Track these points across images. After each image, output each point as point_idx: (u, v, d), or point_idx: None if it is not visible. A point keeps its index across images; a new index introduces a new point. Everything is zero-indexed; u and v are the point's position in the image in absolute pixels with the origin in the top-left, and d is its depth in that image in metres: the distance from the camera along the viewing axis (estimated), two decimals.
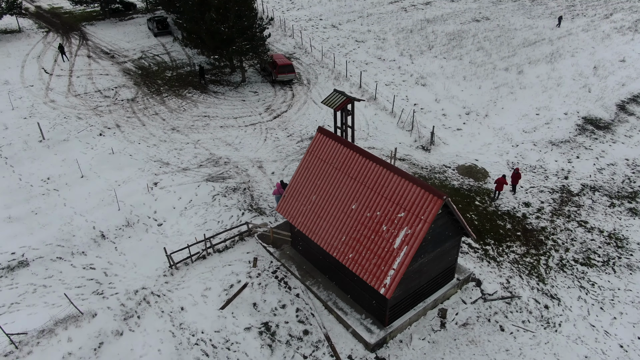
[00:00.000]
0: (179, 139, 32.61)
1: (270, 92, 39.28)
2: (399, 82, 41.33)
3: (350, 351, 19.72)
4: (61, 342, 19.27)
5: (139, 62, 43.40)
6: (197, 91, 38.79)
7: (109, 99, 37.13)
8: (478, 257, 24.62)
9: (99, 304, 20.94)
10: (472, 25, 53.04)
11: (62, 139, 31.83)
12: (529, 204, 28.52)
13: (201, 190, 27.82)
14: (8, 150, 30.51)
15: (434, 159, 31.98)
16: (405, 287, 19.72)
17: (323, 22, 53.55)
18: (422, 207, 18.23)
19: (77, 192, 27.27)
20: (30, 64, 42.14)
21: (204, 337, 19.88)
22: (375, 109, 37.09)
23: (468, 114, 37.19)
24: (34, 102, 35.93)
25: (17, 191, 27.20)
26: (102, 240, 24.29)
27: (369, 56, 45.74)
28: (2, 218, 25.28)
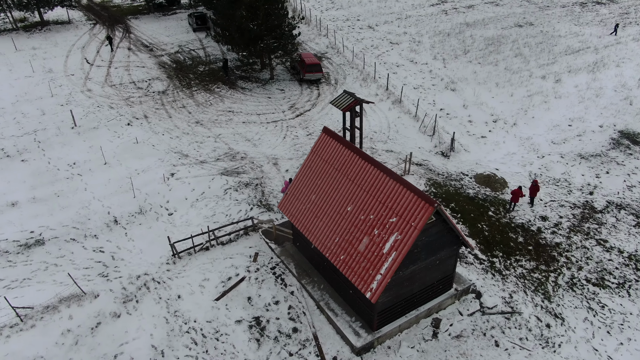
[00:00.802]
0: (201, 132, 33.50)
1: (297, 90, 39.63)
2: (428, 86, 40.69)
3: (336, 352, 19.73)
4: (62, 318, 20.32)
5: (175, 55, 44.81)
6: (225, 86, 39.67)
7: (141, 90, 38.58)
8: (483, 269, 23.99)
9: (102, 286, 21.91)
10: (513, 30, 51.43)
11: (92, 127, 33.38)
12: (546, 217, 27.48)
13: (215, 183, 28.49)
14: (42, 135, 32.31)
15: (452, 166, 31.34)
16: (395, 293, 19.53)
17: (360, 22, 53.41)
18: (413, 213, 18.01)
19: (99, 178, 28.56)
20: (75, 54, 44.35)
21: (196, 326, 20.44)
22: (399, 112, 36.71)
23: (495, 121, 36.16)
24: (72, 91, 37.84)
25: (45, 174, 28.78)
26: (114, 225, 25.36)
27: (401, 58, 45.26)
28: (28, 198, 26.84)
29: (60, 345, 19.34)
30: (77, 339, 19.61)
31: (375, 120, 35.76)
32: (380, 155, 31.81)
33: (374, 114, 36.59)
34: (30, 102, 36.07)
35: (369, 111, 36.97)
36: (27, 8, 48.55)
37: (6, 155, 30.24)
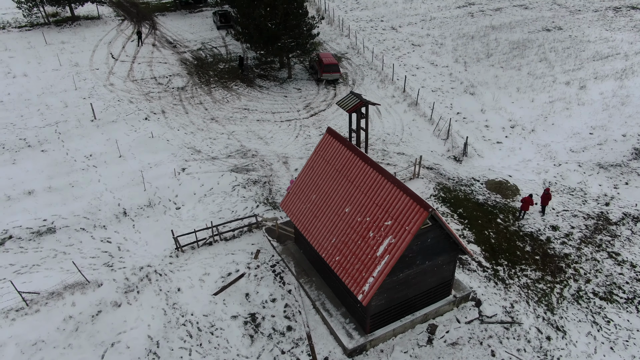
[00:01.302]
0: (215, 128, 33.99)
1: (314, 90, 39.74)
2: (446, 89, 40.19)
3: (328, 353, 19.77)
4: (66, 305, 20.99)
5: (197, 52, 45.56)
6: (243, 84, 40.12)
7: (161, 85, 39.39)
8: (486, 277, 23.60)
9: (106, 275, 22.53)
10: (540, 34, 50.23)
11: (111, 120, 34.29)
12: (556, 227, 26.81)
13: (224, 179, 28.88)
14: (63, 126, 33.38)
15: (463, 171, 30.90)
16: (389, 297, 19.43)
17: (383, 23, 53.12)
18: (408, 217, 17.88)
19: (112, 170, 29.33)
20: (101, 48, 45.59)
21: (192, 319, 20.80)
22: (415, 115, 36.39)
23: (513, 127, 35.45)
24: (95, 84, 38.94)
25: (62, 164, 29.74)
26: (123, 217, 26.01)
27: (422, 61, 44.83)
28: (44, 187, 27.79)
29: (62, 330, 19.99)
30: (77, 325, 20.23)
31: (389, 122, 35.56)
32: (392, 158, 31.63)
33: (389, 116, 36.39)
34: (54, 94, 37.30)
35: (384, 113, 36.79)
36: (59, 3, 50.17)
37: (27, 145, 31.37)
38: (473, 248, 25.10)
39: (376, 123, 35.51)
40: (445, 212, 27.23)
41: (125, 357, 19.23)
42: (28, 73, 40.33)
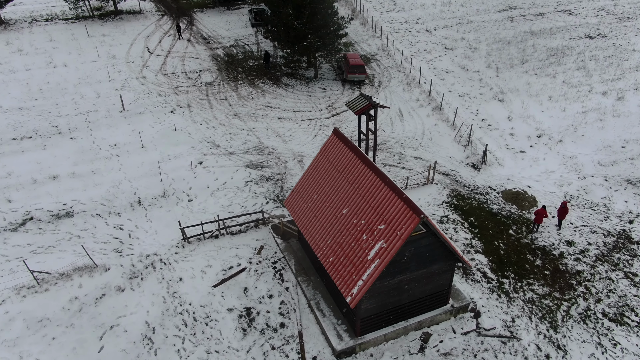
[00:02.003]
0: (236, 124, 34.62)
1: (338, 90, 39.78)
2: (474, 95, 39.33)
3: (317, 353, 19.86)
4: (73, 286, 22.00)
5: (229, 49, 46.46)
6: (269, 82, 40.63)
7: (190, 80, 40.44)
8: (489, 289, 23.03)
9: (114, 261, 23.44)
10: (582, 41, 48.31)
11: (139, 112, 35.52)
12: (572, 243, 25.82)
13: (238, 174, 29.41)
14: (93, 116, 34.85)
15: (480, 179, 30.20)
16: (381, 301, 19.31)
17: (418, 26, 52.46)
18: (400, 222, 17.73)
19: (133, 160, 30.41)
20: (139, 42, 47.23)
21: (189, 309, 21.35)
22: (437, 120, 35.82)
23: (540, 136, 34.32)
24: (129, 77, 40.41)
25: (87, 152, 31.08)
26: (137, 206, 26.95)
27: (452, 64, 44.03)
28: (68, 173, 29.15)
29: (66, 310, 20.97)
30: (81, 306, 21.17)
31: (410, 126, 35.17)
32: (408, 162, 31.30)
33: (411, 119, 35.99)
34: (89, 84, 38.97)
35: (406, 116, 36.41)
36: None
37: (58, 132, 32.95)
38: (480, 258, 24.55)
39: (397, 126, 35.20)
40: (456, 220, 26.73)
41: (122, 340, 19.98)
42: (68, 63, 42.29)
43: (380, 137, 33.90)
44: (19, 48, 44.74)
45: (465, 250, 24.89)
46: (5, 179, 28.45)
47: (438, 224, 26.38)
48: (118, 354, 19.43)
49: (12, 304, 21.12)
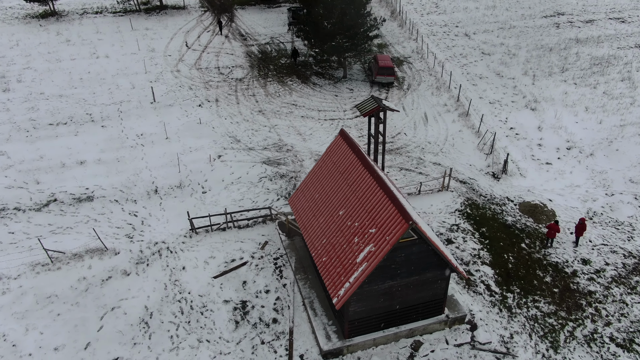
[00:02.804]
0: (260, 120, 35.18)
1: (365, 92, 39.62)
2: (506, 102, 38.18)
3: (304, 351, 20.00)
4: (83, 267, 23.13)
5: (264, 46, 47.18)
6: (298, 80, 40.98)
7: (222, 75, 41.40)
8: (491, 302, 22.41)
9: (125, 245, 24.45)
10: (631, 51, 45.87)
11: (168, 104, 36.74)
12: (588, 261, 24.70)
13: (254, 170, 29.92)
14: (125, 106, 36.34)
15: (498, 189, 29.34)
16: (371, 305, 19.21)
17: (457, 29, 51.38)
18: (390, 227, 17.59)
19: (157, 151, 31.51)
20: (178, 37, 48.75)
21: (188, 297, 21.99)
22: (463, 126, 35.05)
23: (569, 149, 32.95)
24: (164, 70, 41.83)
25: (115, 140, 32.48)
26: (153, 194, 27.95)
27: (487, 70, 42.91)
28: (94, 159, 30.58)
29: (74, 289, 22.09)
30: (88, 286, 22.23)
31: (434, 131, 34.60)
32: (426, 167, 30.84)
33: (435, 124, 35.39)
34: (126, 76, 40.62)
35: (431, 120, 35.83)
36: None
37: (91, 120, 34.58)
38: (485, 270, 23.92)
39: (420, 130, 34.72)
40: (466, 229, 26.13)
41: (121, 321, 20.85)
42: (110, 55, 44.24)
43: (401, 140, 33.55)
44: (68, 39, 47.19)
45: (471, 261, 24.32)
46: (37, 161, 30.17)
47: (447, 232, 25.89)
48: (115, 334, 20.29)
49: (26, 279, 22.46)
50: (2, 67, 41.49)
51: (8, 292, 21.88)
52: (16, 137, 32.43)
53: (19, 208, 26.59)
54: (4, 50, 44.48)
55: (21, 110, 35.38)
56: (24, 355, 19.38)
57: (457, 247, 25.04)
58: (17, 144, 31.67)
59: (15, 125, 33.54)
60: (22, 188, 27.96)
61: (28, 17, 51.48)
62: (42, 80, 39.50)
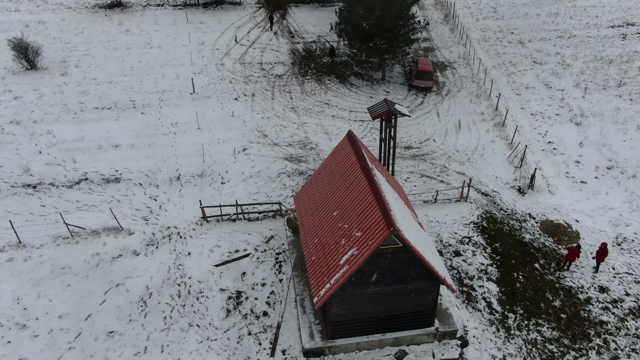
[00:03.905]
0: (290, 117, 35.66)
1: (401, 95, 39.05)
2: (549, 115, 36.33)
3: (288, 347, 20.24)
4: (99, 243, 24.63)
5: (309, 45, 47.63)
6: (337, 80, 41.09)
7: (263, 71, 42.28)
8: (489, 320, 21.58)
9: (140, 227, 25.75)
10: None
11: (206, 96, 38.07)
12: (606, 289, 23.14)
13: (274, 165, 30.45)
14: (167, 95, 38.05)
15: (521, 204, 28.05)
16: (354, 309, 19.14)
17: (512, 36, 49.32)
18: (373, 232, 17.44)
19: (187, 140, 32.80)
20: (229, 31, 50.24)
21: (187, 282, 22.86)
22: (496, 137, 33.74)
23: (610, 168, 30.88)
24: (209, 63, 43.33)
25: (151, 127, 34.13)
26: (175, 181, 29.17)
27: (535, 80, 40.96)
28: (128, 143, 32.32)
29: (86, 263, 23.58)
30: (99, 262, 23.66)
31: (464, 139, 33.58)
32: (449, 176, 30.04)
33: (468, 133, 34.31)
34: (173, 66, 42.46)
35: (464, 128, 34.77)
36: None
37: (133, 106, 36.52)
38: (490, 287, 23.03)
39: (450, 137, 33.80)
40: (478, 243, 25.25)
41: (122, 298, 22.04)
42: (162, 46, 46.38)
43: (428, 147, 32.85)
44: (127, 29, 49.94)
45: (476, 276, 23.49)
46: (78, 142, 32.32)
47: (457, 244, 25.14)
48: (114, 309, 21.48)
49: (47, 249, 24.24)
50: (65, 52, 44.64)
51: (29, 259, 23.71)
52: (64, 118, 34.88)
53: (54, 184, 28.65)
54: (69, 37, 47.82)
55: (73, 93, 37.97)
56: (32, 319, 20.99)
57: (464, 260, 24.26)
58: (64, 125, 34.06)
59: (66, 107, 36.06)
60: (59, 165, 30.09)
61: (96, 7, 54.93)
62: (97, 67, 42.12)
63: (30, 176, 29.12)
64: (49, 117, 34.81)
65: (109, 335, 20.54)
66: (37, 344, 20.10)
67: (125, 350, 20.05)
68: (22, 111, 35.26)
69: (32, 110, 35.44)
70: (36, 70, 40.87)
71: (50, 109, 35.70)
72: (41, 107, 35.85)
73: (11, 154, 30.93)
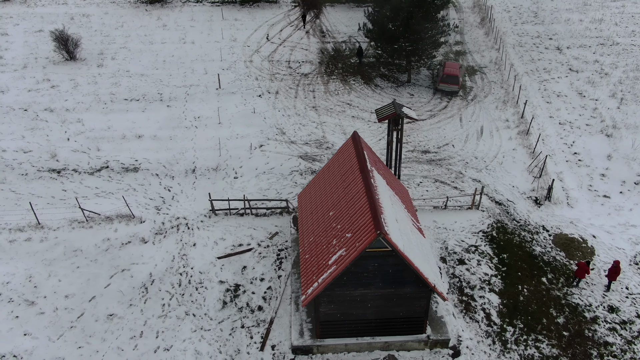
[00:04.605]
0: (310, 116, 35.85)
1: (425, 98, 38.51)
2: (579, 125, 34.94)
3: (278, 342, 20.45)
4: (110, 229, 25.61)
5: (339, 45, 47.66)
6: (361, 80, 40.96)
7: (290, 69, 42.66)
8: (486, 332, 21.06)
9: (151, 216, 26.59)
10: None
11: (231, 92, 38.80)
12: (616, 309, 22.12)
13: (288, 163, 30.72)
14: (193, 90, 39.02)
15: (536, 216, 27.15)
16: (343, 310, 19.14)
17: (550, 42, 47.63)
18: (362, 234, 17.39)
19: (207, 134, 33.55)
20: (262, 29, 50.92)
21: (189, 271, 23.45)
22: (518, 145, 32.76)
23: (638, 183, 29.44)
24: (238, 59, 44.10)
25: (174, 119, 35.10)
26: (190, 173, 29.92)
27: (569, 88, 39.47)
28: (151, 135, 33.37)
29: (97, 247, 24.58)
30: (109, 247, 24.61)
31: (485, 146, 32.78)
32: (463, 182, 29.44)
33: (490, 140, 33.48)
34: (203, 62, 43.48)
35: (486, 135, 33.95)
36: None
37: (160, 99, 37.66)
38: (492, 298, 22.46)
39: (471, 143, 33.08)
40: (485, 253, 24.66)
41: (126, 283, 22.85)
42: (195, 41, 47.55)
43: (446, 152, 32.28)
44: (165, 24, 51.48)
45: (478, 286, 22.96)
46: (104, 131, 33.65)
47: (462, 252, 24.64)
48: (116, 293, 22.31)
49: (62, 232, 25.41)
50: (104, 45, 46.50)
51: (45, 240, 24.94)
52: (95, 107, 36.37)
53: (77, 170, 29.97)
54: (109, 30, 49.76)
55: (106, 84, 39.52)
56: (40, 297, 22.09)
57: (467, 269, 23.75)
58: (94, 114, 35.52)
59: (97, 97, 37.58)
60: (84, 153, 31.43)
61: (138, 2, 56.85)
62: (132, 60, 43.64)
63: (57, 161, 30.56)
64: (80, 106, 36.39)
65: (109, 317, 21.36)
66: (42, 320, 21.14)
67: (123, 333, 20.80)
68: (57, 99, 37.02)
69: (66, 99, 37.15)
70: (75, 61, 42.76)
71: (82, 99, 37.31)
72: (75, 97, 37.52)
73: (42, 139, 32.55)
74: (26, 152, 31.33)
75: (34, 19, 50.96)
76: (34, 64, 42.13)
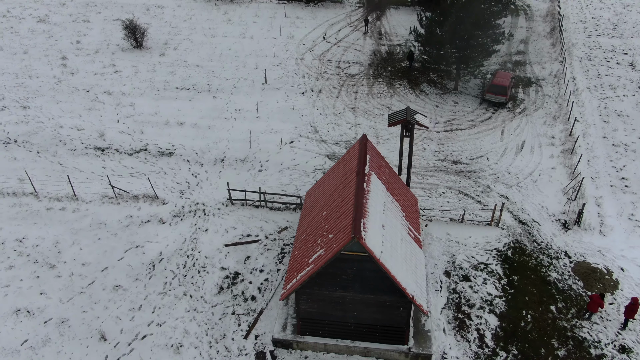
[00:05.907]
0: (347, 117, 35.91)
1: (470, 107, 37.17)
2: (634, 148, 32.23)
3: (262, 333, 20.93)
4: (135, 207, 27.35)
5: (393, 47, 47.14)
6: (407, 85, 40.31)
7: (338, 69, 42.90)
8: (475, 353, 20.23)
9: (174, 199, 28.05)
10: None
11: (276, 87, 39.74)
12: (628, 350, 20.35)
13: (314, 161, 31.06)
14: (241, 83, 40.41)
15: (561, 240, 25.45)
16: (323, 310, 19.30)
17: (625, 57, 44.05)
18: (340, 236, 17.43)
19: (243, 126, 34.68)
20: (321, 28, 51.50)
21: (195, 254, 24.54)
22: (559, 164, 30.80)
23: None
24: (290, 56, 45.01)
25: (216, 110, 36.61)
26: (219, 162, 31.13)
27: (634, 108, 36.44)
28: (191, 123, 35.05)
29: (119, 222, 26.38)
30: (129, 223, 26.32)
31: (522, 162, 31.15)
32: (489, 197, 28.24)
33: (529, 156, 31.74)
34: (257, 57, 44.84)
35: (526, 150, 32.22)
36: None
37: (208, 90, 39.40)
38: (490, 319, 21.48)
39: (507, 158, 31.58)
40: (493, 272, 23.59)
41: (137, 258, 24.36)
42: (254, 36, 49.10)
43: (479, 164, 31.06)
44: (229, 18, 53.60)
45: (478, 305, 22.02)
46: (151, 116, 35.82)
47: (470, 268, 23.72)
48: (126, 267, 23.85)
49: (93, 205, 27.52)
50: (170, 35, 49.31)
51: (77, 211, 27.14)
52: (148, 93, 38.79)
53: (119, 150, 32.22)
54: (178, 22, 52.66)
55: (163, 73, 41.97)
56: (61, 262, 24.14)
57: (470, 286, 22.84)
58: (145, 99, 37.91)
59: (152, 84, 40.04)
60: (129, 135, 33.70)
61: None
62: (192, 51, 45.95)
63: (103, 140, 33.03)
64: (136, 91, 38.96)
65: (114, 288, 22.91)
66: (57, 283, 23.11)
67: (124, 304, 22.24)
68: (117, 83, 39.89)
69: (124, 83, 39.92)
70: (141, 49, 45.75)
71: (139, 84, 39.91)
72: (133, 82, 40.22)
73: (95, 119, 35.29)
74: (80, 129, 34.12)
75: (115, 9, 55.01)
76: (105, 50, 45.58)
